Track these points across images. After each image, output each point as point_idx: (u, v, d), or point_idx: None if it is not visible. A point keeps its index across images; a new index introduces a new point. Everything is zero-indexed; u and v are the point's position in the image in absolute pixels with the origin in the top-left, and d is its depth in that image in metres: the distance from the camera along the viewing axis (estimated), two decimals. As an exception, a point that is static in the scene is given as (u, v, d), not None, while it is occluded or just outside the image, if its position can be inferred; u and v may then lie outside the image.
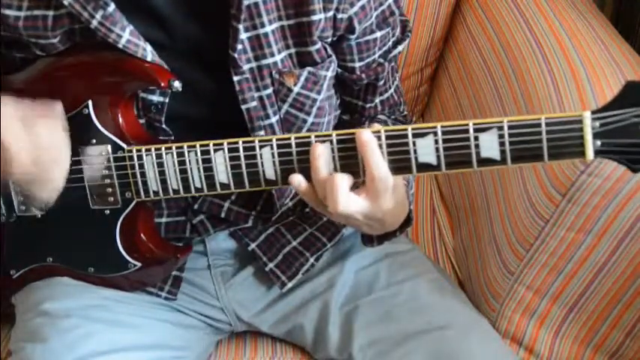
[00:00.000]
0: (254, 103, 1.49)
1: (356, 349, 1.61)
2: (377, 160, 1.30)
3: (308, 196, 1.38)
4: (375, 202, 1.33)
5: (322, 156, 1.34)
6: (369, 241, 1.61)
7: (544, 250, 1.60)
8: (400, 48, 1.64)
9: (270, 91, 1.50)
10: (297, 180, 1.36)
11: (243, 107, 1.49)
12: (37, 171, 1.42)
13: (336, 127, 1.67)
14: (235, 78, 1.47)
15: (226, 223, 1.66)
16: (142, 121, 1.53)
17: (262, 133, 1.51)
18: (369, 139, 1.30)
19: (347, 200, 1.32)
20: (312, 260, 1.69)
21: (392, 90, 1.70)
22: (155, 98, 1.51)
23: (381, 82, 1.64)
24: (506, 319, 1.71)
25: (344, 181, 1.32)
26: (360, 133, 1.31)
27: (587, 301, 1.63)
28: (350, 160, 1.34)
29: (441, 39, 2.29)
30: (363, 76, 1.60)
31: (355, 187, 1.35)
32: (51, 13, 1.44)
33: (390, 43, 1.62)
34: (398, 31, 1.63)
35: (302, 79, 1.51)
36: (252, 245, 1.68)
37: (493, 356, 1.56)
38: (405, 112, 1.76)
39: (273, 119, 1.52)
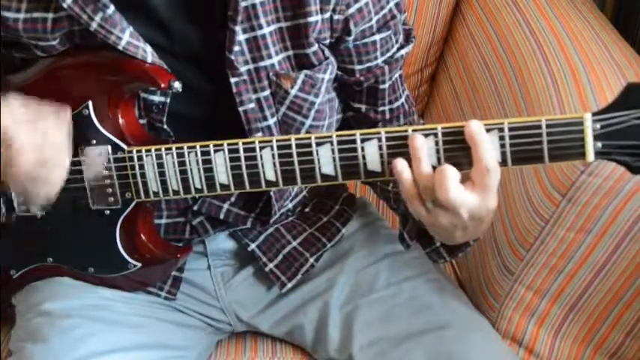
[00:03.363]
0: (251, 105, 1.49)
1: (356, 349, 1.60)
2: (490, 151, 1.27)
3: (407, 187, 1.33)
4: (483, 197, 1.29)
5: (423, 146, 1.30)
6: (439, 256, 1.58)
7: (544, 250, 1.60)
8: (402, 52, 1.63)
9: (267, 93, 1.51)
10: (401, 165, 1.31)
11: (241, 109, 1.49)
12: (39, 170, 1.42)
13: (339, 130, 1.67)
14: (232, 80, 1.47)
15: (226, 224, 1.66)
16: (143, 121, 1.53)
17: (260, 134, 1.51)
18: (480, 130, 1.27)
19: (458, 191, 1.28)
20: (312, 261, 1.69)
21: (402, 99, 1.70)
22: (156, 98, 1.51)
23: (384, 86, 1.63)
24: (506, 319, 1.71)
25: (454, 171, 1.28)
26: (470, 124, 1.27)
27: (587, 301, 1.63)
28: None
29: (441, 39, 2.29)
30: (362, 79, 1.60)
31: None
32: (50, 15, 1.44)
33: (394, 48, 1.61)
34: (401, 37, 1.62)
35: (299, 81, 1.51)
36: (252, 246, 1.68)
37: (493, 356, 1.55)
38: (422, 121, 1.75)
39: (271, 121, 1.53)
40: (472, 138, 1.27)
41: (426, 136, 1.30)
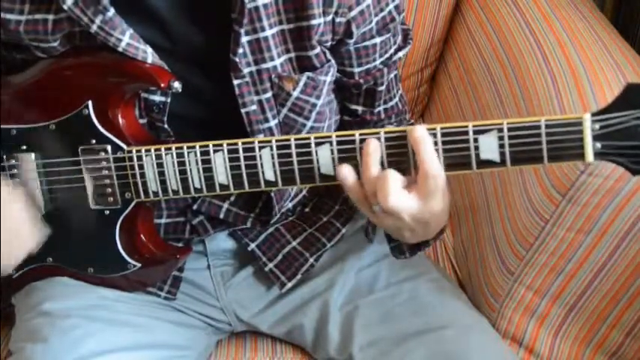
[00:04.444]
0: (253, 107, 1.49)
1: (356, 349, 1.61)
2: (431, 157, 1.29)
3: (354, 191, 1.36)
4: (426, 202, 1.31)
5: (376, 152, 1.32)
6: (401, 252, 1.60)
7: (544, 250, 1.60)
8: (400, 54, 1.64)
9: (269, 95, 1.50)
10: (345, 171, 1.35)
11: (243, 111, 1.49)
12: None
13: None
14: (235, 82, 1.47)
15: (225, 224, 1.66)
16: (144, 121, 1.53)
17: (261, 136, 1.51)
18: (423, 135, 1.29)
19: (399, 196, 1.30)
20: (311, 260, 1.69)
21: (397, 99, 1.70)
22: (157, 98, 1.51)
23: (381, 88, 1.63)
24: (506, 319, 1.71)
25: (396, 177, 1.31)
26: (414, 129, 1.30)
27: (587, 301, 1.63)
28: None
29: (441, 39, 2.29)
30: (362, 81, 1.60)
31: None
32: (51, 17, 1.44)
33: (392, 50, 1.61)
34: (399, 38, 1.63)
35: (301, 83, 1.51)
36: (252, 245, 1.68)
37: (493, 356, 1.56)
38: (412, 121, 1.76)
39: (272, 123, 1.52)
40: (415, 143, 1.30)
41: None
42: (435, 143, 1.29)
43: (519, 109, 1.75)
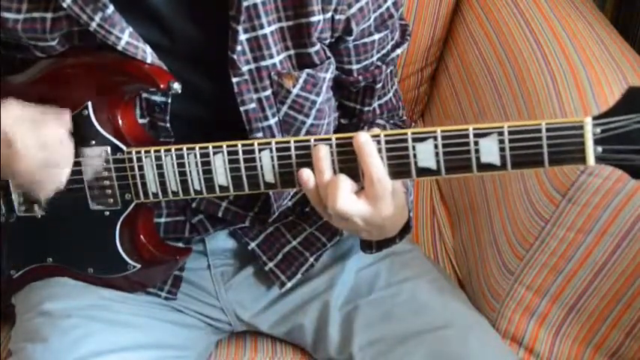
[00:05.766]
0: (253, 105, 1.49)
1: (356, 349, 1.61)
2: (374, 162, 1.31)
3: (312, 195, 1.38)
4: (375, 206, 1.33)
5: (325, 157, 1.34)
6: (368, 247, 1.60)
7: (544, 250, 1.60)
8: (399, 51, 1.64)
9: (269, 92, 1.50)
10: (307, 175, 1.36)
11: (242, 109, 1.48)
12: (42, 170, 1.43)
13: (335, 131, 1.67)
14: (234, 79, 1.46)
15: (225, 223, 1.66)
16: (145, 120, 1.53)
17: (261, 134, 1.51)
18: (367, 141, 1.31)
19: (347, 201, 1.32)
20: (311, 260, 1.69)
21: (390, 94, 1.70)
22: (158, 98, 1.51)
23: (379, 86, 1.64)
24: (506, 319, 1.71)
25: (346, 182, 1.33)
26: (358, 135, 1.32)
27: (587, 301, 1.63)
28: (349, 164, 1.34)
29: (441, 39, 2.29)
30: (360, 78, 1.60)
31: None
32: (49, 15, 1.44)
33: (389, 46, 1.61)
34: (397, 34, 1.62)
35: (301, 81, 1.51)
36: (252, 245, 1.69)
37: (493, 356, 1.56)
38: (404, 118, 1.76)
39: (272, 121, 1.52)
40: (359, 149, 1.32)
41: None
42: (436, 146, 1.29)
43: (519, 109, 1.75)
